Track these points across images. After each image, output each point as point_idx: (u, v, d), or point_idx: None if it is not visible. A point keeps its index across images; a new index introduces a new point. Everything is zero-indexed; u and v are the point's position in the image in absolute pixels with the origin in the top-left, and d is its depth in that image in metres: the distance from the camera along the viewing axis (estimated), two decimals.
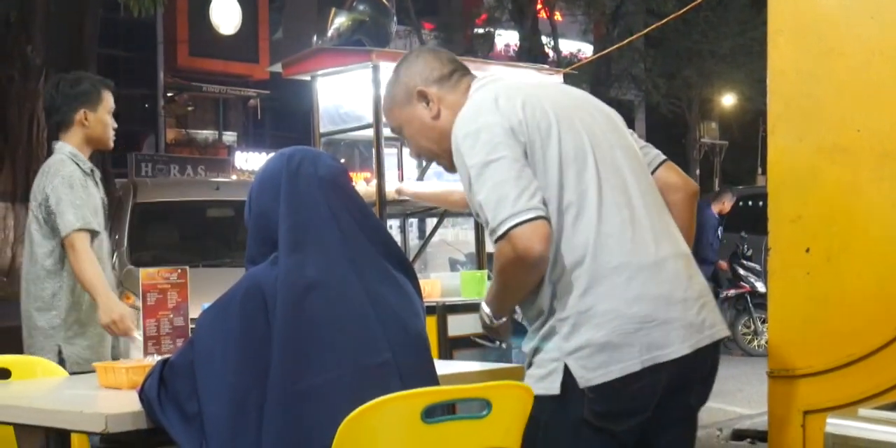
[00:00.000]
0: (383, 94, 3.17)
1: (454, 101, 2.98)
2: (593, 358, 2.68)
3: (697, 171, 35.25)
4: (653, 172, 3.07)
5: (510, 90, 2.91)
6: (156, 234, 9.73)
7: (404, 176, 6.50)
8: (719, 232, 13.09)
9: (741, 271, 12.44)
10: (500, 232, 2.65)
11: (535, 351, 2.83)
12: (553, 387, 2.73)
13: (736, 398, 9.00)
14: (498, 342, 4.56)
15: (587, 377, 2.68)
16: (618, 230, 2.77)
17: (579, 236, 2.74)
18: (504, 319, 2.94)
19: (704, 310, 2.81)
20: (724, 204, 13.29)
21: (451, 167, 3.01)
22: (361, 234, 2.69)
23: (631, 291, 2.72)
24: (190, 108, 31.92)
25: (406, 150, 6.61)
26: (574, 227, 2.75)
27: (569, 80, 9.06)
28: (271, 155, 2.90)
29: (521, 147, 2.75)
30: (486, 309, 2.94)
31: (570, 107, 2.94)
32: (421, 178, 6.46)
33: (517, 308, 2.95)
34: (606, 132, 2.95)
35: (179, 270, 3.55)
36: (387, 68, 5.74)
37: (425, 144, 3.08)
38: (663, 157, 3.18)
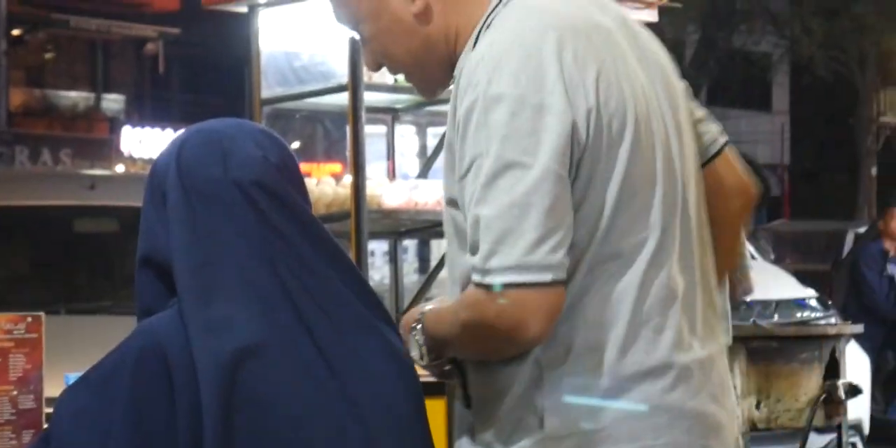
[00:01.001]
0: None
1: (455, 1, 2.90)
2: None
3: (874, 169, 35.25)
4: (705, 164, 2.96)
5: (578, 38, 2.73)
6: None
7: (395, 173, 6.51)
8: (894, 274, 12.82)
9: None
10: (492, 281, 2.57)
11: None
12: None
13: None
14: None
15: None
16: (661, 311, 2.72)
17: (609, 311, 2.68)
18: (447, 365, 2.87)
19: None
20: None
21: (427, 91, 3.07)
22: (316, 266, 2.66)
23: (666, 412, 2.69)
24: (49, 55, 32.00)
25: (401, 129, 6.63)
26: (605, 294, 2.68)
27: (667, 18, 9.05)
28: (170, 142, 2.84)
29: (572, 155, 2.63)
30: (419, 338, 2.78)
31: (647, 91, 2.81)
32: (425, 174, 6.47)
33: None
34: (680, 132, 2.87)
35: (30, 319, 3.55)
36: None
37: (394, 51, 2.96)
38: (724, 139, 3.07)
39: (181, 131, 2.72)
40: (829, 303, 11.41)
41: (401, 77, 6.24)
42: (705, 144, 2.98)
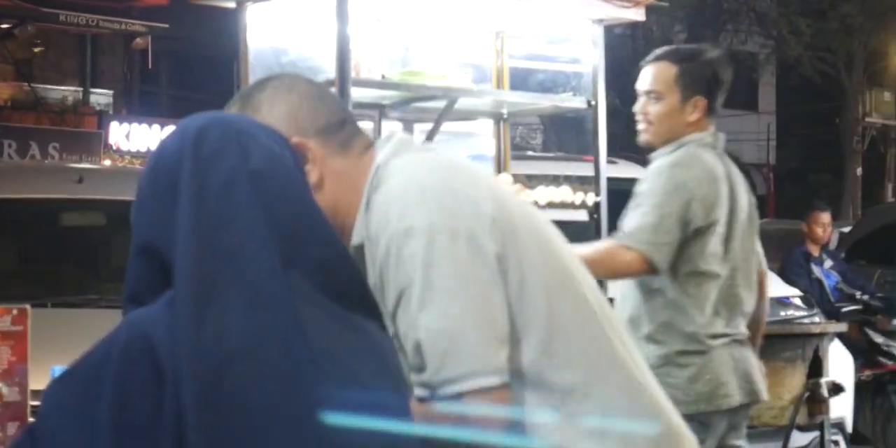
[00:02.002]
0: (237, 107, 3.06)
1: (344, 169, 3.02)
2: None
3: (859, 170, 35.36)
4: None
5: (461, 168, 3.02)
6: None
7: None
8: (821, 276, 12.83)
9: (877, 338, 12.18)
10: (446, 390, 2.72)
11: None
12: None
13: None
14: None
15: None
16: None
17: None
18: None
19: None
20: (820, 229, 13.06)
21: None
22: (315, 265, 2.65)
23: None
24: (38, 49, 32.00)
25: (387, 125, 6.65)
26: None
27: (653, 17, 9.07)
28: (170, 130, 2.83)
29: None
30: None
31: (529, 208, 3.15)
32: None
33: None
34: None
35: (15, 312, 3.55)
36: None
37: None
38: None
39: (186, 120, 2.70)
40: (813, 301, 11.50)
41: (388, 73, 6.29)
42: None
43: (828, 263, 12.76)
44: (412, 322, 2.77)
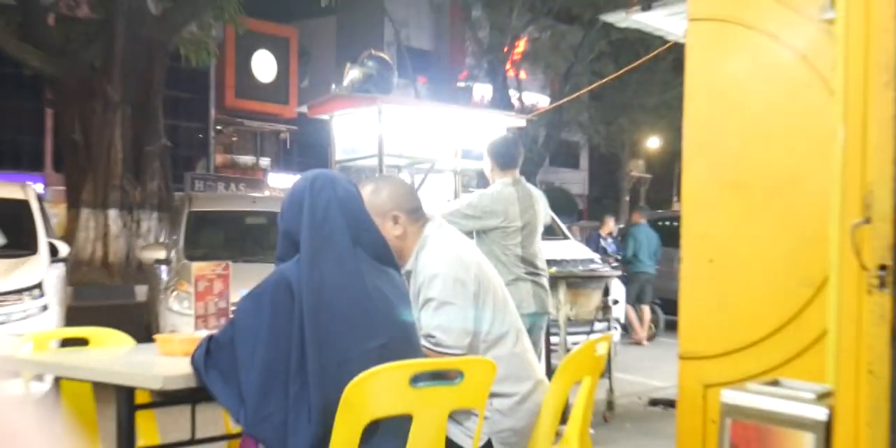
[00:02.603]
0: (366, 193, 3.09)
1: (414, 232, 3.11)
2: None
3: (627, 198, 35.39)
4: None
5: (466, 246, 3.16)
6: (205, 236, 9.55)
7: None
8: (606, 246, 12.86)
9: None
10: (436, 349, 2.89)
11: None
12: None
13: (653, 373, 9.03)
14: None
15: None
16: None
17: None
18: None
19: None
20: (607, 225, 13.35)
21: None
22: (367, 243, 2.67)
23: None
24: (234, 139, 31.86)
25: (401, 175, 6.62)
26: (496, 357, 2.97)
27: (530, 124, 9.04)
28: (298, 177, 2.84)
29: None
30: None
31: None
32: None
33: None
34: None
35: (224, 265, 3.54)
36: (389, 111, 5.77)
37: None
38: None
39: (307, 173, 2.74)
40: (606, 260, 11.61)
41: (403, 151, 6.18)
42: None
43: (609, 241, 12.84)
44: (429, 319, 2.92)
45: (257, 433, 2.46)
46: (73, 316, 7.48)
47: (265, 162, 31.99)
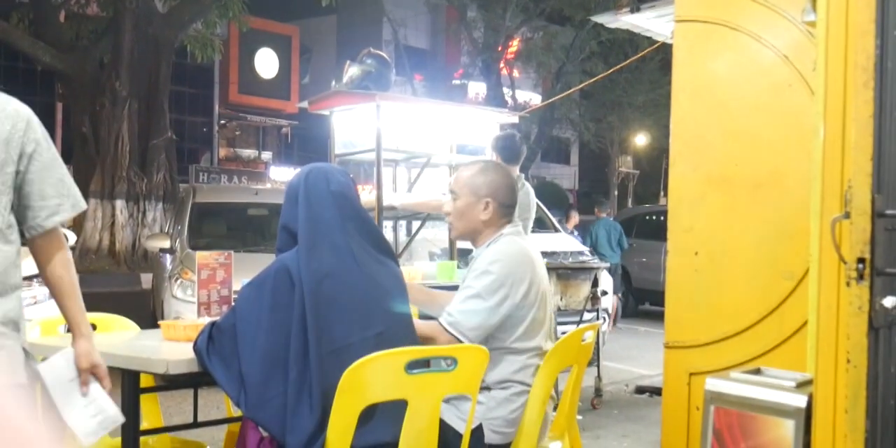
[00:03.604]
0: (472, 169, 3.08)
1: (495, 223, 3.03)
2: None
3: (615, 193, 35.38)
4: None
5: (526, 254, 3.02)
6: (209, 226, 9.52)
7: (396, 188, 6.49)
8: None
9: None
10: (451, 329, 2.85)
11: None
12: None
13: (639, 362, 9.04)
14: None
15: None
16: None
17: None
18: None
19: None
20: (573, 219, 13.13)
21: (456, 237, 3.22)
22: (362, 234, 2.66)
23: None
24: (237, 133, 31.77)
25: (398, 170, 6.61)
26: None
27: (522, 121, 9.04)
28: (297, 170, 2.84)
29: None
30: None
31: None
32: (410, 190, 6.46)
33: None
34: None
35: (226, 254, 3.52)
36: (387, 107, 5.75)
37: (456, 221, 3.10)
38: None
39: (303, 167, 2.73)
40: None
41: (400, 145, 6.16)
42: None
43: (575, 234, 12.45)
44: (459, 302, 2.91)
45: (258, 417, 2.45)
46: None
47: (267, 155, 31.92)
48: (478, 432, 2.86)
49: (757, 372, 2.54)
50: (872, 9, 2.20)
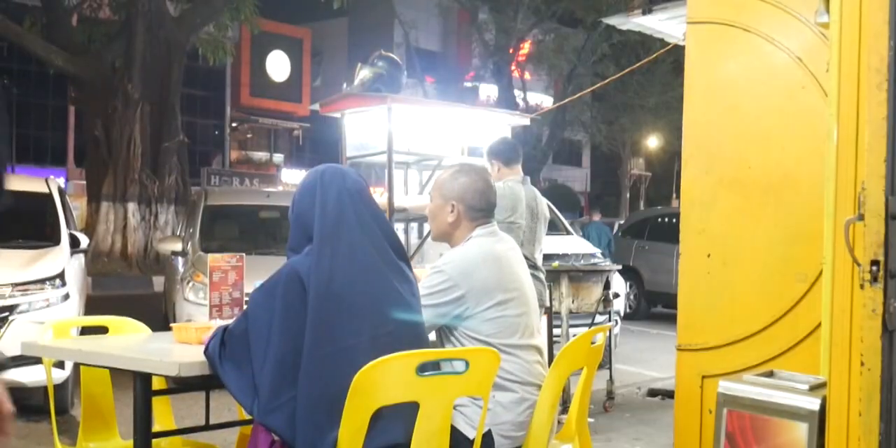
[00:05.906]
0: (446, 172, 3.11)
1: (465, 227, 3.04)
2: None
3: (627, 195, 35.37)
4: None
5: (490, 258, 2.98)
6: (220, 228, 9.51)
7: (408, 190, 6.49)
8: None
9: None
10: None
11: None
12: None
13: (651, 365, 9.01)
14: None
15: None
16: None
17: None
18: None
19: None
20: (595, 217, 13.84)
21: (435, 238, 3.17)
22: (376, 233, 2.64)
23: None
24: (249, 136, 31.89)
25: (409, 172, 6.61)
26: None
27: (534, 123, 9.03)
28: (309, 171, 2.83)
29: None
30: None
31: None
32: (421, 192, 6.46)
33: None
34: None
35: (238, 256, 3.51)
36: (398, 109, 5.74)
37: (430, 224, 3.15)
38: None
39: (317, 167, 2.72)
40: (607, 254, 11.72)
41: (412, 148, 6.15)
42: None
43: None
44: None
45: (269, 423, 2.44)
46: (93, 305, 7.49)
47: (278, 158, 32.01)
48: (487, 438, 2.85)
49: (770, 375, 2.53)
50: (886, 10, 2.19)
